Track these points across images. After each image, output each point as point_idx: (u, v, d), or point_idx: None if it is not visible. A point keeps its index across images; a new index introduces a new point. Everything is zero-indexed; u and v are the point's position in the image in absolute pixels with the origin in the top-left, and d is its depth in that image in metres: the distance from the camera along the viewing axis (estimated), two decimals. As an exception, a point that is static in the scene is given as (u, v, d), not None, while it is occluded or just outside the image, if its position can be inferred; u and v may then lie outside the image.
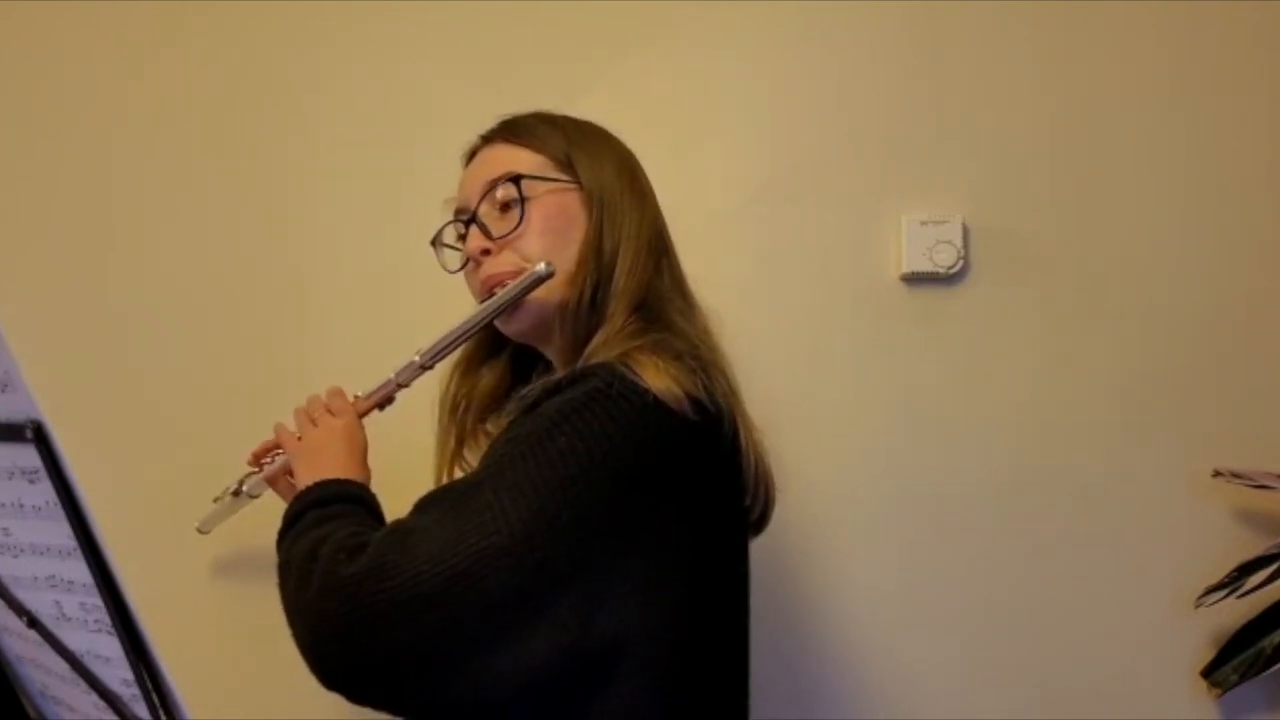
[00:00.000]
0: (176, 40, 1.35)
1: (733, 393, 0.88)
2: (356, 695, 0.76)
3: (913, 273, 1.39)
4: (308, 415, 0.96)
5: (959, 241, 1.38)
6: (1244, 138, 1.44)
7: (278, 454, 1.03)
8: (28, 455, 0.80)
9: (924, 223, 1.39)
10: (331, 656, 0.75)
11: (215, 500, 1.09)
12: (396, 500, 0.86)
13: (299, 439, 0.96)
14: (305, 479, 0.89)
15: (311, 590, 0.75)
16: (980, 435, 1.41)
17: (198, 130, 1.34)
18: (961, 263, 1.39)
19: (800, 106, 1.41)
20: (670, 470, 0.80)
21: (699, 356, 0.86)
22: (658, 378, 0.79)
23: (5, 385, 0.80)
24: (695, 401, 0.81)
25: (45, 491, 0.81)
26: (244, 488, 1.07)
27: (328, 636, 0.74)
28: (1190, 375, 1.42)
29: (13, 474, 0.84)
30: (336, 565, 0.75)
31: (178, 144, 1.34)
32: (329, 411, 0.96)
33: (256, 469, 1.05)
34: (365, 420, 0.97)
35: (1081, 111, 1.43)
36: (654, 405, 0.79)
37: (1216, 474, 1.38)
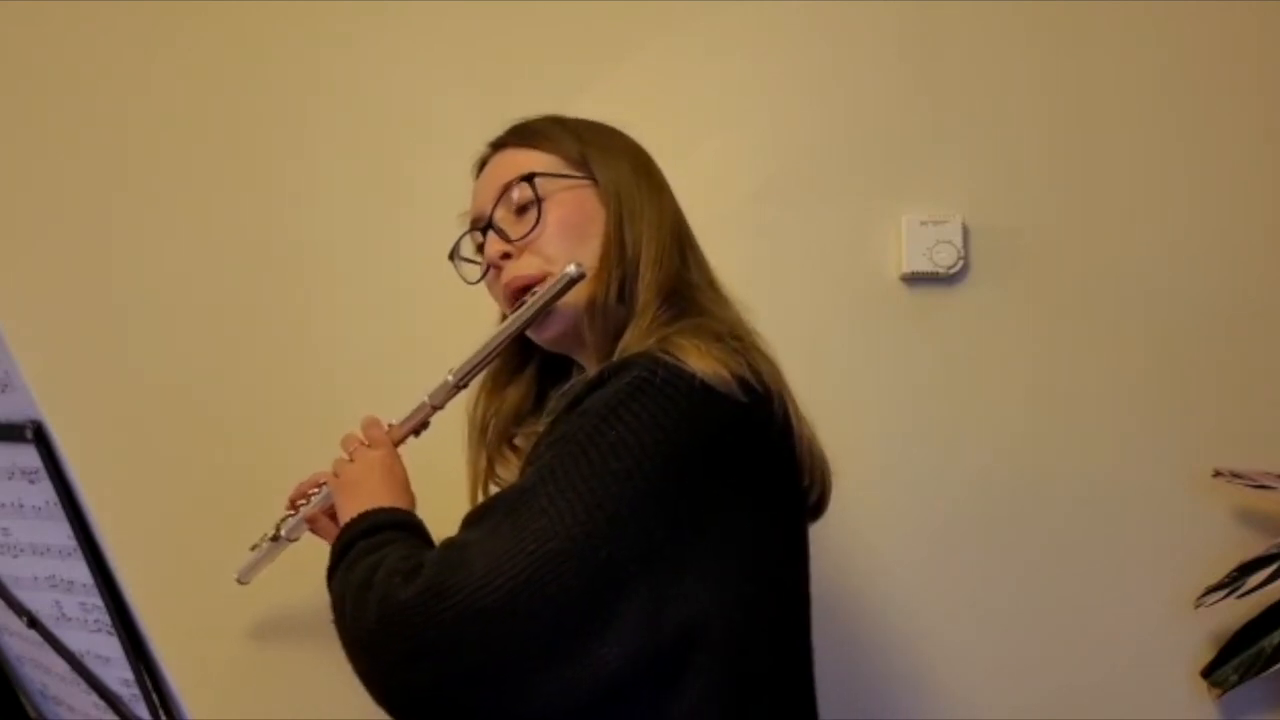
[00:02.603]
0: (179, 41, 1.35)
1: (778, 375, 0.86)
2: (425, 718, 0.74)
3: (913, 273, 1.39)
4: (345, 452, 0.94)
5: (959, 241, 1.38)
6: (1243, 138, 1.44)
7: (314, 493, 1.01)
8: (28, 455, 0.80)
9: (924, 223, 1.39)
10: (398, 683, 0.72)
11: (252, 548, 1.06)
12: (436, 527, 0.85)
13: (336, 476, 0.93)
14: (348, 513, 0.86)
15: (369, 619, 0.72)
16: (980, 435, 1.41)
17: (200, 131, 1.34)
18: (961, 263, 1.39)
19: (800, 106, 1.41)
20: (724, 453, 0.78)
21: (739, 338, 0.85)
22: (701, 360, 0.77)
23: (5, 385, 0.80)
24: (742, 382, 0.78)
25: (45, 491, 0.81)
26: (282, 532, 1.03)
27: (392, 663, 0.72)
28: (1190, 375, 1.42)
29: (13, 474, 0.84)
30: (393, 590, 0.72)
31: (179, 145, 1.34)
32: (364, 444, 0.93)
33: (293, 512, 1.03)
34: (401, 448, 0.95)
35: (1081, 111, 1.43)
36: (701, 389, 0.76)
37: (1216, 474, 1.38)
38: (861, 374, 1.40)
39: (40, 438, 0.78)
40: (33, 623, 0.90)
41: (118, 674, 0.88)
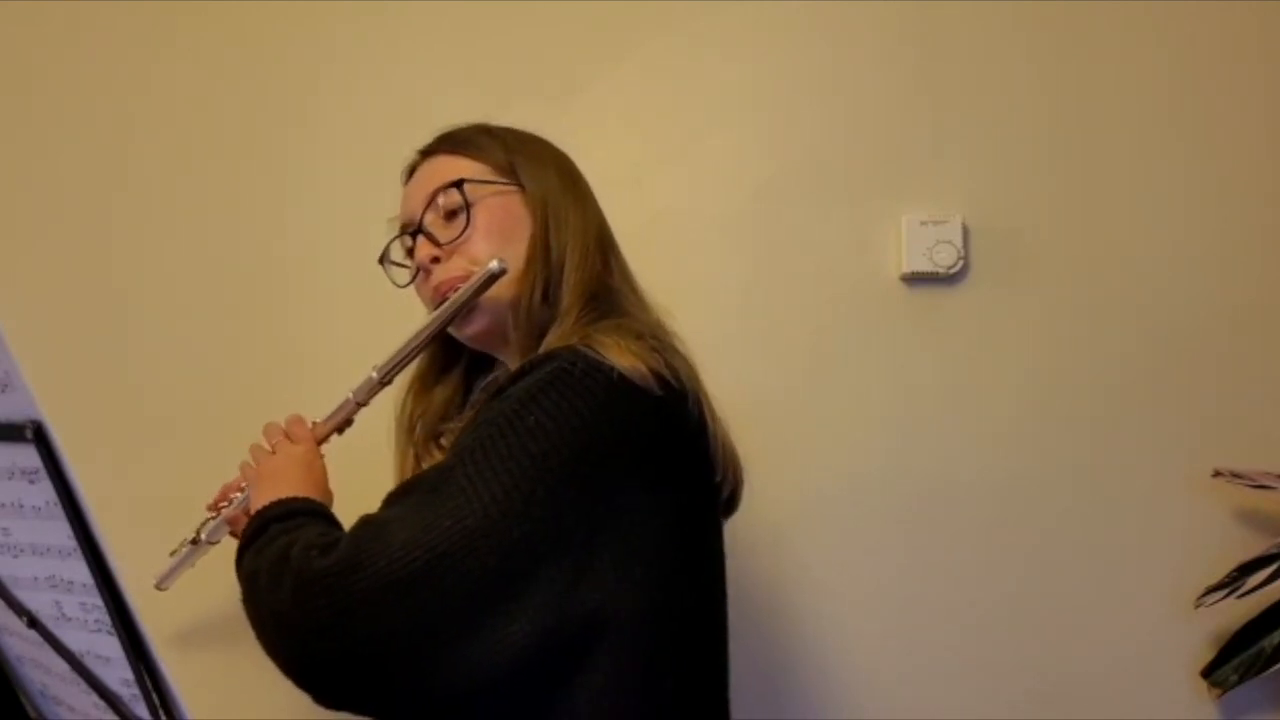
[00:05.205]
0: (179, 42, 1.35)
1: (694, 375, 0.88)
2: (338, 693, 0.75)
3: (913, 273, 1.39)
4: (267, 443, 0.96)
5: (959, 241, 1.38)
6: (1242, 137, 1.44)
7: (235, 496, 1.01)
8: (28, 455, 0.80)
9: (924, 223, 1.39)
10: (312, 654, 0.73)
11: (172, 553, 1.06)
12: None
13: (256, 467, 0.95)
14: (263, 501, 0.86)
15: (285, 590, 0.73)
16: (979, 435, 1.41)
17: (199, 132, 1.35)
18: (961, 263, 1.39)
19: (800, 106, 1.41)
20: (639, 444, 0.80)
21: (658, 338, 0.87)
22: (621, 355, 0.80)
23: (5, 385, 0.80)
24: (659, 378, 0.81)
25: (45, 491, 0.81)
26: (202, 535, 1.04)
27: (307, 634, 0.72)
28: (1190, 375, 1.42)
29: (13, 474, 0.84)
30: (309, 562, 0.73)
31: (179, 145, 1.34)
32: (287, 438, 0.95)
33: (214, 514, 1.03)
34: (327, 445, 0.96)
35: (1081, 111, 1.43)
36: (619, 381, 0.79)
37: (1216, 474, 1.38)
38: (861, 374, 1.40)
39: (40, 438, 0.79)
40: (33, 623, 0.90)
41: (118, 674, 0.88)
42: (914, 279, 1.41)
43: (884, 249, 1.41)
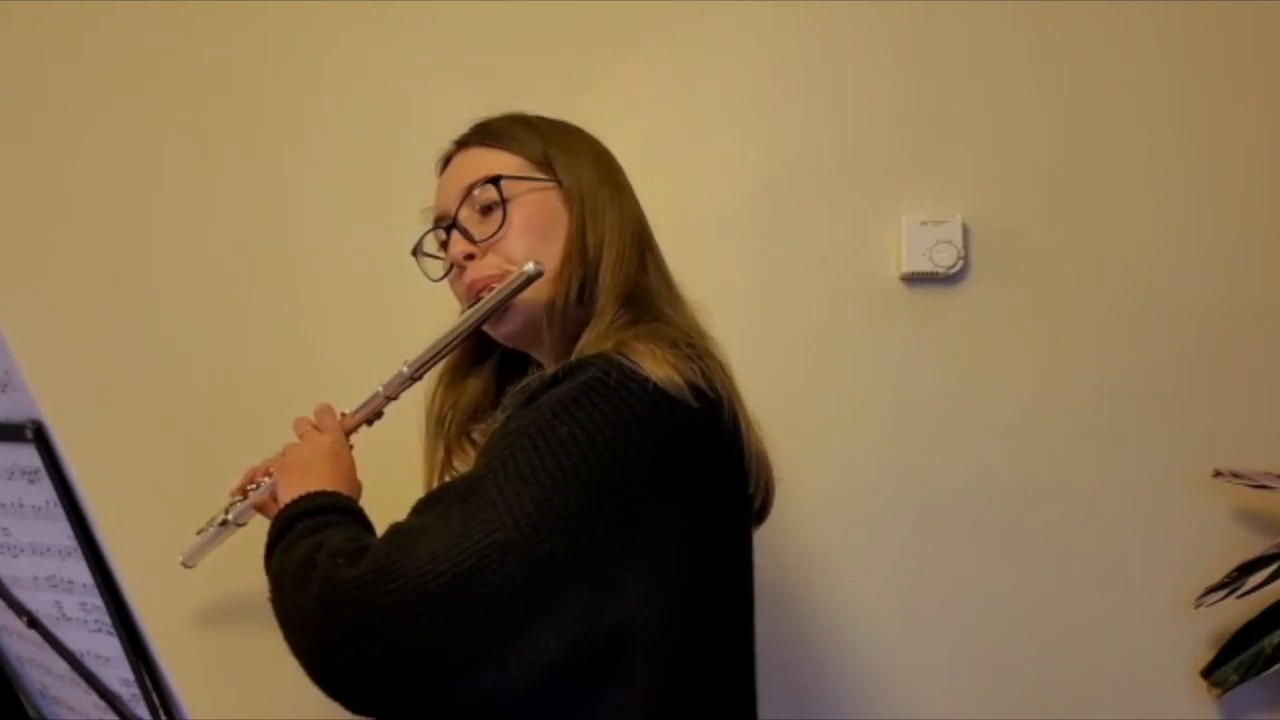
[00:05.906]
0: (181, 43, 1.35)
1: (729, 381, 0.87)
2: (363, 703, 0.74)
3: (913, 273, 1.39)
4: (296, 434, 0.95)
5: (959, 241, 1.38)
6: (1243, 138, 1.44)
7: (264, 480, 1.01)
8: (28, 455, 0.80)
9: (924, 223, 1.39)
10: (337, 664, 0.72)
11: (199, 532, 1.06)
12: (388, 514, 0.85)
13: (283, 456, 0.94)
14: (290, 494, 0.86)
15: (310, 597, 0.73)
16: (979, 435, 1.41)
17: (200, 132, 1.35)
18: (961, 263, 1.39)
19: (800, 106, 1.41)
20: (672, 457, 0.79)
21: (694, 345, 0.86)
22: (656, 366, 0.79)
23: (5, 385, 0.80)
24: (694, 388, 0.80)
25: (45, 491, 0.81)
26: (229, 516, 1.03)
27: (332, 644, 0.72)
28: (1189, 375, 1.42)
29: (13, 474, 0.84)
30: (337, 570, 0.73)
31: (180, 146, 1.34)
32: (315, 429, 0.94)
33: (242, 496, 1.03)
34: (357, 435, 0.96)
35: (1081, 112, 1.43)
36: (654, 393, 0.78)
37: (1216, 474, 1.38)
38: (861, 374, 1.40)
39: (40, 438, 0.79)
40: (33, 623, 0.90)
41: (118, 674, 0.89)
42: (914, 279, 1.41)
43: (884, 249, 1.41)
